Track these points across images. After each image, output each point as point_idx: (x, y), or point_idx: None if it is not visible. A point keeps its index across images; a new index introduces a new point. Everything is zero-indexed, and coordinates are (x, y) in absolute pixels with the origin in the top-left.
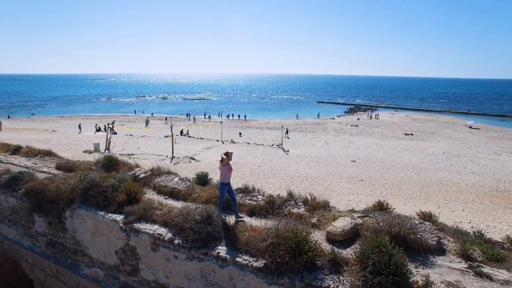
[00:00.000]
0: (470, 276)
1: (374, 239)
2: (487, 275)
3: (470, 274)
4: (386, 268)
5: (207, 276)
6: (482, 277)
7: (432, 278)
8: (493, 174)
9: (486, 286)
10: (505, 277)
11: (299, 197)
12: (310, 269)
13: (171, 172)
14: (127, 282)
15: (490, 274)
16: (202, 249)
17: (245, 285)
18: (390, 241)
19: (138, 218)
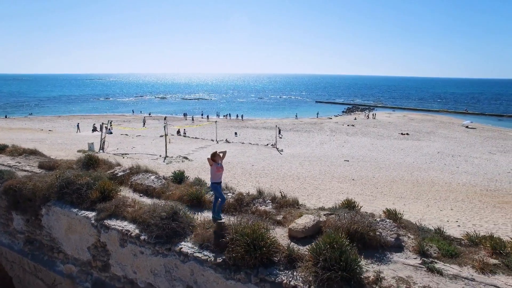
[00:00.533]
0: (422, 272)
1: (328, 235)
2: (438, 270)
3: (422, 270)
4: (336, 264)
5: (170, 271)
6: (433, 272)
7: (385, 274)
8: (486, 173)
9: (436, 281)
10: (454, 271)
11: (268, 195)
12: (266, 265)
13: (148, 170)
14: (100, 278)
15: (441, 269)
16: (166, 245)
17: (205, 280)
18: (349, 238)
19: (109, 215)
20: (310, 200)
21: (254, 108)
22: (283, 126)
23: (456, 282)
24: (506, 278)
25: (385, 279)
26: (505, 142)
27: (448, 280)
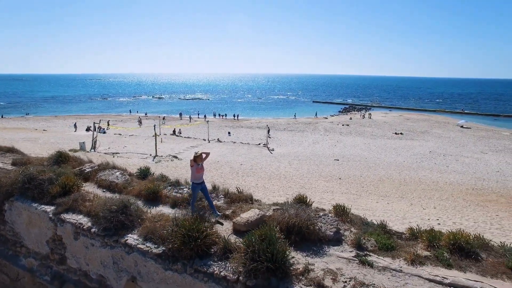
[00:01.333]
0: (354, 264)
1: (261, 228)
2: (369, 263)
3: (355, 263)
4: (263, 255)
5: (118, 262)
6: (365, 264)
7: (315, 266)
8: (475, 172)
9: (364, 272)
10: (385, 264)
11: (221, 190)
12: (202, 256)
13: (116, 167)
14: (58, 271)
15: (373, 261)
16: (114, 237)
17: (147, 271)
18: (287, 231)
19: (66, 209)
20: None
21: (251, 108)
22: (278, 126)
23: (384, 274)
24: (431, 269)
25: (314, 271)
26: (498, 141)
27: (377, 272)
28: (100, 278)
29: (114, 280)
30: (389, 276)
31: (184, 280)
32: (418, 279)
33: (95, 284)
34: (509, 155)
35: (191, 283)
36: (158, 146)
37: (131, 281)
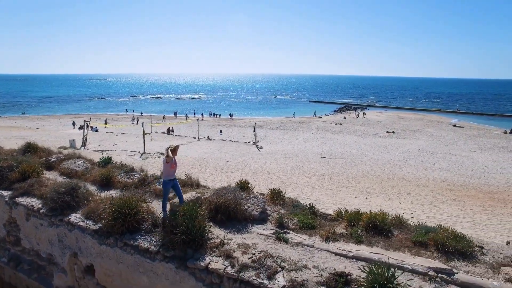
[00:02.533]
0: (270, 240)
1: (184, 206)
2: (285, 239)
3: (272, 239)
4: (179, 228)
5: (62, 240)
6: (280, 241)
7: (234, 241)
8: (459, 170)
9: (276, 247)
10: (299, 240)
11: None
12: (132, 231)
13: (80, 157)
14: (15, 253)
15: (289, 238)
16: (59, 216)
17: (86, 246)
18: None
19: (22, 193)
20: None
21: (247, 107)
22: (271, 125)
23: (295, 249)
24: (342, 245)
25: (229, 244)
26: (488, 140)
27: (289, 247)
28: (49, 256)
29: (60, 257)
30: (299, 250)
31: (115, 253)
32: (326, 253)
33: (45, 262)
34: (497, 153)
35: (120, 256)
36: (148, 144)
37: (73, 256)
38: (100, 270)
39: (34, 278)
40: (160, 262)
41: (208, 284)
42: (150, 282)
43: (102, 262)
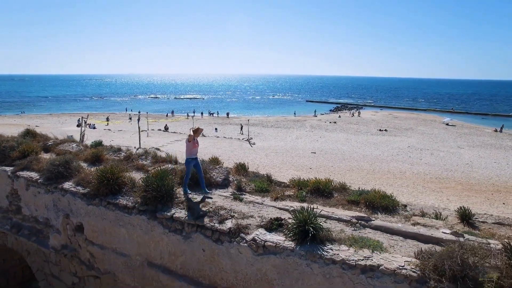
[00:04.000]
0: (228, 199)
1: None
2: (240, 198)
3: (230, 198)
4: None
5: (57, 204)
6: (236, 199)
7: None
8: (445, 164)
9: (231, 203)
10: (252, 199)
11: (150, 153)
12: (115, 193)
13: (74, 141)
14: (17, 221)
15: (243, 198)
16: (54, 184)
17: (76, 208)
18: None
19: (22, 168)
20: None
21: (244, 107)
22: (267, 123)
23: (247, 205)
24: (287, 202)
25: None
26: (478, 137)
27: (243, 204)
28: (45, 220)
29: (54, 219)
30: (250, 206)
31: (100, 211)
32: (272, 208)
33: (42, 226)
34: (484, 150)
35: (104, 213)
36: (144, 140)
37: (66, 217)
38: (88, 227)
39: (33, 241)
40: (135, 215)
41: (173, 230)
42: (128, 233)
43: (90, 220)
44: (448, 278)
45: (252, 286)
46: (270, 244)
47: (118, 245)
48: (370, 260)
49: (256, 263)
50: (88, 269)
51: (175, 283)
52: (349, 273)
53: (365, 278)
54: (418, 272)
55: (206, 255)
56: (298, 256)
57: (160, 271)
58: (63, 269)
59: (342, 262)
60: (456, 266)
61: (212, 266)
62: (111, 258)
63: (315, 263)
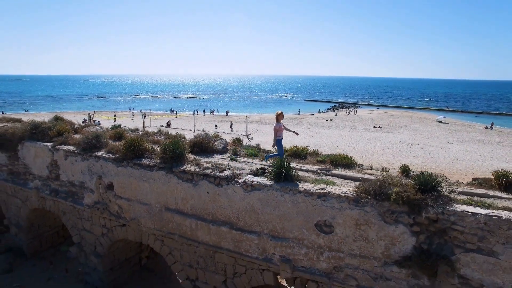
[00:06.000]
0: (226, 160)
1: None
2: (235, 159)
3: (227, 160)
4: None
5: (91, 169)
6: (232, 160)
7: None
8: (432, 157)
9: (227, 163)
10: (244, 160)
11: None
12: (139, 157)
13: (97, 125)
14: (55, 187)
15: (238, 159)
16: (89, 153)
17: (107, 170)
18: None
19: (60, 143)
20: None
21: (244, 105)
22: (265, 121)
23: (241, 163)
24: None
25: (200, 160)
26: (469, 134)
27: (237, 163)
28: (81, 184)
29: (89, 182)
30: (243, 164)
31: (127, 171)
32: (259, 165)
33: (77, 188)
34: (472, 144)
35: (131, 172)
36: None
37: (99, 178)
38: (117, 185)
39: (70, 201)
40: (156, 171)
41: (185, 180)
42: (150, 186)
43: (118, 179)
44: (372, 196)
45: (243, 216)
46: (256, 183)
47: (141, 196)
48: (324, 189)
49: (246, 198)
50: (117, 219)
51: (186, 221)
52: (309, 198)
53: (320, 201)
54: (354, 195)
55: (210, 196)
56: (275, 190)
57: (174, 213)
58: (94, 223)
59: (305, 192)
60: (377, 187)
61: (214, 205)
62: (135, 208)
63: (286, 193)
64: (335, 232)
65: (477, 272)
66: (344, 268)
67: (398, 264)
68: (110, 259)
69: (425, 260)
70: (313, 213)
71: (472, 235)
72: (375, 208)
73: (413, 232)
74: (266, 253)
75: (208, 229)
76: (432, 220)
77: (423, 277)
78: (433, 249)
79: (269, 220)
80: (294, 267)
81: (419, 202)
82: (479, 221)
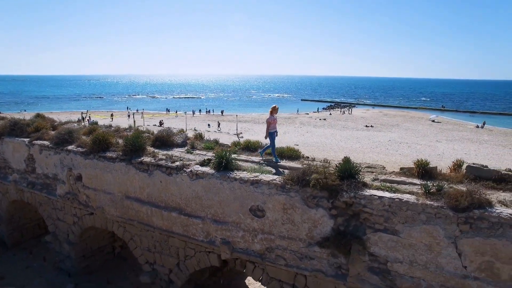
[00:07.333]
0: (183, 153)
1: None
2: (191, 152)
3: (184, 152)
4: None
5: (63, 162)
6: (188, 153)
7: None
8: (418, 155)
9: (183, 155)
10: (199, 152)
11: (134, 128)
12: (104, 150)
13: (76, 122)
14: (32, 180)
15: (194, 152)
16: (61, 147)
17: (77, 162)
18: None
19: (36, 138)
20: None
21: (240, 105)
22: (259, 120)
23: (195, 156)
24: None
25: (158, 153)
26: (459, 133)
27: (191, 155)
28: (54, 176)
29: (61, 174)
30: (197, 156)
31: (93, 163)
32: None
33: (51, 180)
34: (460, 143)
35: (96, 164)
36: None
37: (69, 170)
38: (85, 176)
39: (44, 193)
40: (118, 163)
41: (141, 170)
42: (113, 177)
43: (86, 170)
44: (295, 182)
45: (190, 202)
46: (200, 172)
47: (106, 186)
48: (256, 177)
49: (192, 186)
50: (85, 207)
51: (143, 208)
52: (244, 185)
53: (253, 187)
54: (281, 182)
55: (162, 184)
56: (216, 178)
57: (133, 201)
58: (66, 213)
59: (240, 179)
60: (300, 175)
61: (166, 193)
62: (101, 197)
63: (225, 181)
64: (266, 216)
65: (383, 250)
66: (274, 249)
67: (320, 245)
68: (82, 246)
69: (340, 240)
70: (247, 199)
71: (379, 216)
72: (298, 194)
73: (332, 215)
74: (210, 236)
75: (161, 215)
76: (349, 204)
77: (340, 256)
78: (350, 231)
79: (211, 205)
80: (233, 248)
81: (336, 187)
82: (384, 204)
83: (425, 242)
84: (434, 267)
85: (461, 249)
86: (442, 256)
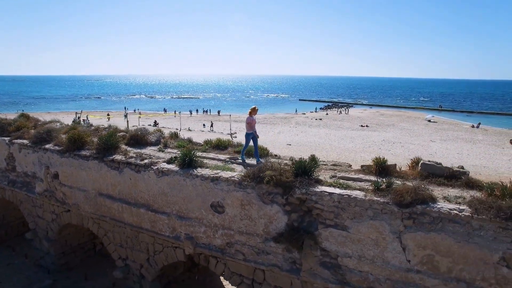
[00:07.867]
0: (155, 151)
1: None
2: (163, 150)
3: (156, 151)
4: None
5: (40, 160)
6: (160, 151)
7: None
8: (410, 155)
9: (155, 153)
10: (170, 150)
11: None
12: (79, 149)
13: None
14: (12, 178)
15: (165, 150)
16: (39, 146)
17: (54, 161)
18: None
19: (16, 137)
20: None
21: (237, 105)
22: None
23: (165, 153)
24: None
25: (130, 151)
26: (454, 132)
27: (163, 153)
28: (33, 174)
29: (39, 172)
30: (166, 153)
31: (69, 161)
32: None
33: (30, 178)
34: (453, 143)
35: (71, 162)
36: None
37: (47, 168)
38: (61, 174)
39: (24, 191)
40: (91, 161)
41: (113, 167)
42: (87, 174)
43: (62, 168)
44: (251, 179)
45: (157, 198)
46: (165, 169)
47: (80, 184)
48: (216, 175)
49: (158, 183)
50: (62, 205)
51: (115, 204)
52: (205, 182)
53: (213, 184)
54: (239, 178)
55: (132, 182)
56: (179, 175)
57: (106, 198)
58: (45, 210)
59: (201, 176)
60: (256, 171)
61: (136, 190)
62: (76, 194)
63: (188, 178)
64: (226, 212)
65: (334, 245)
66: (234, 244)
67: (275, 240)
68: (61, 243)
69: (293, 235)
70: (208, 195)
71: (330, 212)
72: (255, 190)
73: (286, 211)
74: (176, 232)
75: (131, 211)
76: (302, 200)
77: (294, 251)
78: (303, 226)
79: (176, 202)
80: (196, 243)
81: (290, 184)
82: (334, 200)
83: (372, 237)
84: (380, 262)
85: (405, 244)
86: (388, 251)
